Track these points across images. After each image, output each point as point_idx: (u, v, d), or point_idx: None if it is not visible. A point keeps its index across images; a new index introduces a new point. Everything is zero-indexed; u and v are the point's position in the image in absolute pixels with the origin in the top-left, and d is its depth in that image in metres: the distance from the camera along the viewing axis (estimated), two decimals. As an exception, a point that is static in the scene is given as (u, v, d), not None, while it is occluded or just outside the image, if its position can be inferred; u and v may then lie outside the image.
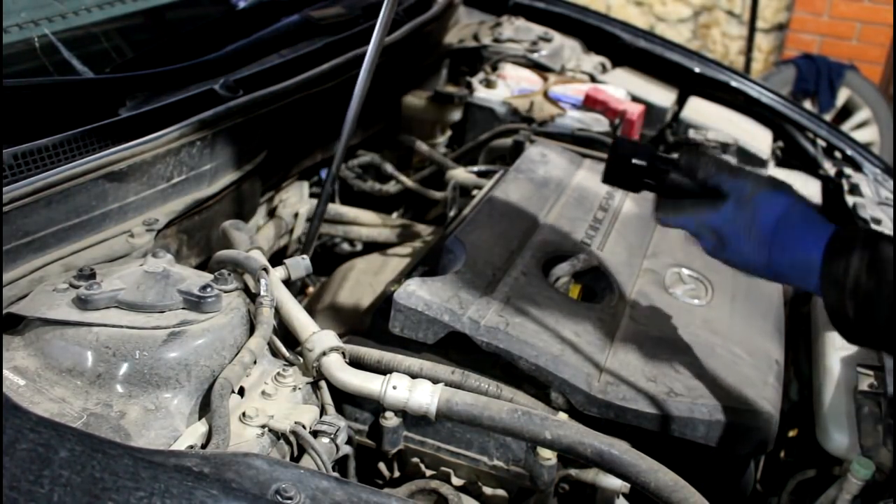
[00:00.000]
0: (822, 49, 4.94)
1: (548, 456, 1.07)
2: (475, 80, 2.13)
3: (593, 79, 2.30)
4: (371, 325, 1.29)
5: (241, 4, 1.89)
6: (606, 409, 1.10)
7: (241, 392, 1.07)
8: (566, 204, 1.51)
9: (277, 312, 1.18)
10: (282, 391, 1.09)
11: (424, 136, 2.11)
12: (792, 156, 2.29)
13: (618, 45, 2.49)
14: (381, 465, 1.18)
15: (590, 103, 2.03)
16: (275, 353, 1.16)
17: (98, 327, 1.02)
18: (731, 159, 2.02)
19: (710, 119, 2.20)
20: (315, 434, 1.04)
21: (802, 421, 1.39)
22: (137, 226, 1.27)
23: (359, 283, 1.62)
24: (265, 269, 1.16)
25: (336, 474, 1.08)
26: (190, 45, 1.60)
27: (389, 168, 1.97)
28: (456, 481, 1.15)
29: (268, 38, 1.69)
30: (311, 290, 1.76)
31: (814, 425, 1.28)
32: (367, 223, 1.90)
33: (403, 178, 1.96)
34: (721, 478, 1.16)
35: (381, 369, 1.12)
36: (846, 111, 4.61)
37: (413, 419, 1.11)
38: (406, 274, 1.39)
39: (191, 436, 0.96)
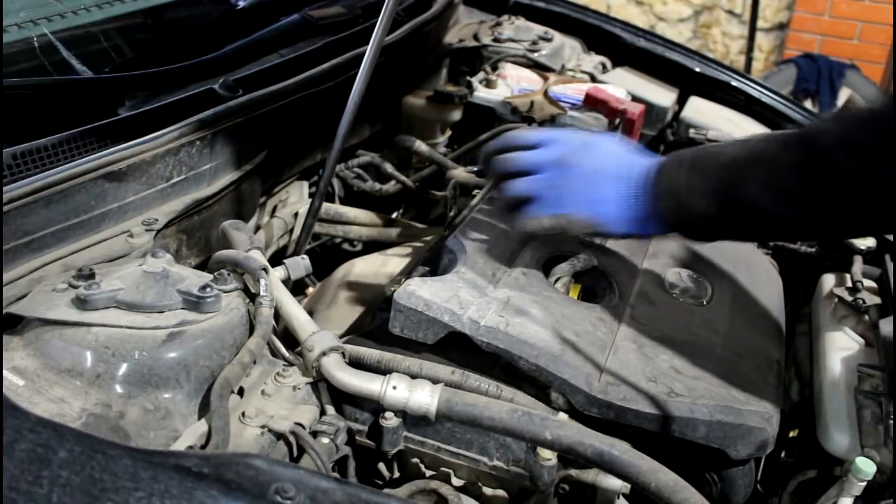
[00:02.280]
0: (822, 48, 4.94)
1: (548, 456, 1.07)
2: (475, 80, 2.13)
3: (594, 78, 2.30)
4: (371, 326, 1.28)
5: (241, 4, 1.89)
6: (607, 409, 1.10)
7: (241, 392, 1.07)
8: (566, 204, 1.51)
9: (277, 312, 1.17)
10: (281, 391, 1.09)
11: (424, 136, 2.10)
12: (793, 155, 2.28)
13: (618, 45, 2.49)
14: (381, 466, 1.18)
15: (590, 103, 2.03)
16: (274, 353, 1.16)
17: (97, 327, 1.02)
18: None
19: (711, 119, 2.19)
20: (315, 434, 1.04)
21: (803, 421, 1.38)
22: (137, 226, 1.27)
23: (359, 283, 1.61)
24: (265, 269, 1.16)
25: (336, 474, 1.08)
26: (189, 44, 1.60)
27: (389, 168, 1.97)
28: (456, 482, 1.15)
29: (267, 37, 1.69)
30: (311, 290, 1.75)
31: (814, 425, 1.28)
32: (367, 223, 1.90)
33: (403, 178, 1.95)
34: (721, 478, 1.16)
35: (381, 369, 1.12)
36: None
37: (413, 419, 1.11)
38: (406, 274, 1.38)
39: (190, 436, 0.96)
